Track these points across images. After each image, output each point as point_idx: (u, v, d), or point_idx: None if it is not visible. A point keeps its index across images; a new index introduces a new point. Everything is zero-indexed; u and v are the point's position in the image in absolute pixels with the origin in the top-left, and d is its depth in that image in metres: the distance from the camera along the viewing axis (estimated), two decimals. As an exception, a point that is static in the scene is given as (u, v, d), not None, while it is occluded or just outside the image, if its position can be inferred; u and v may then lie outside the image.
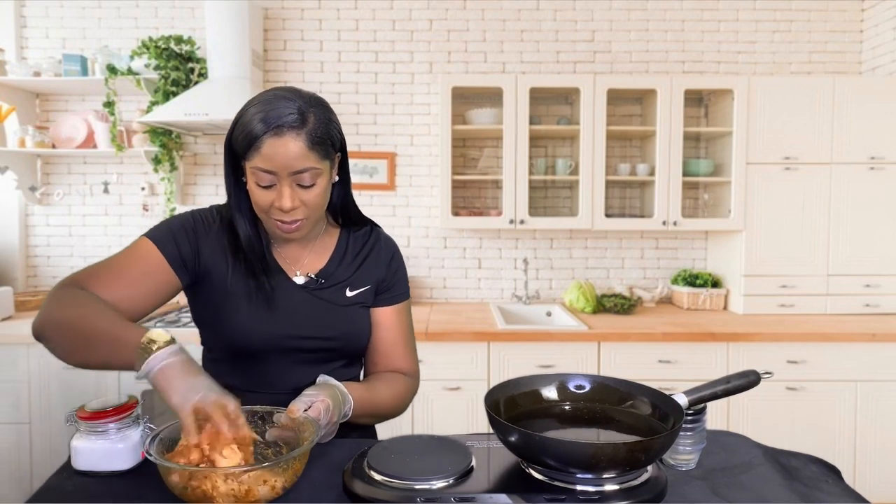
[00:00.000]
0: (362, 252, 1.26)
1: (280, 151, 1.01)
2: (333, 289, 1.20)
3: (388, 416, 1.22)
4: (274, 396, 1.13)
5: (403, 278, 1.31)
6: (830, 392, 2.58)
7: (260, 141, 1.01)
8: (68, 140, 3.00)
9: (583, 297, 2.98)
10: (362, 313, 1.23)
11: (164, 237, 1.10)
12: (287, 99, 1.03)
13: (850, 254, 2.88)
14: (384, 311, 1.26)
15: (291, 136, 1.01)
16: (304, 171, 1.03)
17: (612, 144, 3.11)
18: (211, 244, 1.14)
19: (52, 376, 2.52)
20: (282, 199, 1.04)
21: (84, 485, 0.94)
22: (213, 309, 1.14)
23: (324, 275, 1.20)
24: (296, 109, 1.02)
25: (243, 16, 2.83)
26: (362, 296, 1.23)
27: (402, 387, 1.25)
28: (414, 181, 3.22)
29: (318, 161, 1.05)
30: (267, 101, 1.03)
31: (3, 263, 3.13)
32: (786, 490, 0.92)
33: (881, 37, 3.05)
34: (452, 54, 3.18)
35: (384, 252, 1.28)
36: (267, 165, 1.02)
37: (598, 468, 0.85)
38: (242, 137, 1.04)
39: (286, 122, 1.01)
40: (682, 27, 3.19)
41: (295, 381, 1.16)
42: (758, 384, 1.00)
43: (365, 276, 1.24)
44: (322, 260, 1.22)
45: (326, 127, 1.06)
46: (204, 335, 1.21)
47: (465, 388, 2.57)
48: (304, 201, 1.06)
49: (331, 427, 1.02)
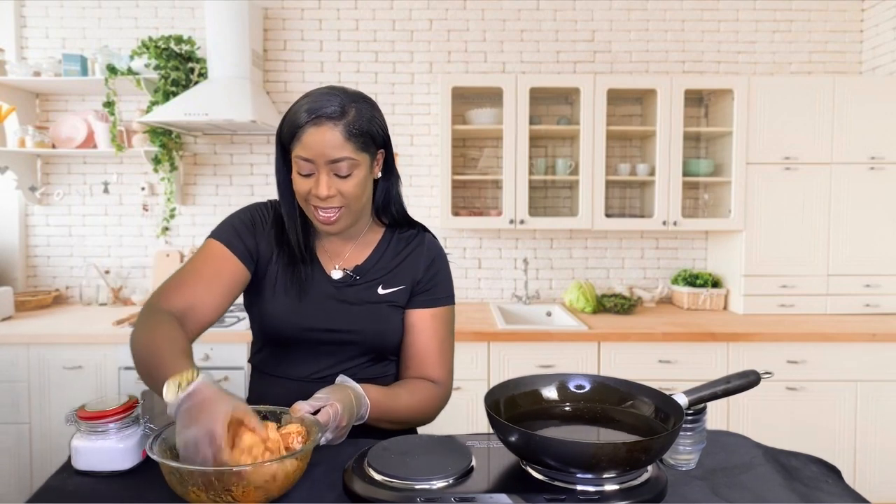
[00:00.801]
0: (403, 252, 1.27)
1: (318, 140, 1.07)
2: (366, 285, 1.22)
3: (412, 424, 1.21)
4: (302, 384, 1.18)
5: (444, 283, 1.28)
6: (830, 392, 2.58)
7: (301, 130, 1.08)
8: (68, 140, 3.00)
9: (583, 297, 2.98)
10: (392, 312, 1.23)
11: (229, 235, 1.18)
12: (332, 94, 1.10)
13: (850, 254, 2.88)
14: (419, 313, 1.25)
15: (329, 126, 1.07)
16: (341, 160, 1.08)
17: (612, 144, 3.11)
18: (266, 236, 1.21)
19: (52, 376, 2.52)
20: (318, 187, 1.09)
21: (84, 485, 0.94)
22: (256, 295, 1.21)
23: (359, 271, 1.23)
24: (337, 102, 1.09)
25: (243, 16, 2.83)
26: (395, 295, 1.23)
27: (427, 395, 1.22)
28: (414, 181, 3.22)
29: (355, 152, 1.09)
30: (314, 94, 1.11)
31: (3, 263, 3.13)
32: (786, 490, 0.92)
33: (881, 37, 3.05)
34: (452, 54, 3.18)
35: (425, 254, 1.27)
36: (306, 154, 1.08)
37: (598, 468, 0.85)
38: (287, 128, 1.11)
39: (325, 113, 1.07)
40: (682, 27, 3.19)
41: (319, 372, 1.20)
42: (758, 384, 1.00)
43: (401, 275, 1.25)
44: (362, 256, 1.25)
45: (368, 121, 1.11)
46: (250, 320, 1.27)
47: (465, 388, 2.57)
48: (341, 191, 1.10)
49: (340, 431, 1.01)
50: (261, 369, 1.26)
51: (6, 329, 2.57)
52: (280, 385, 1.21)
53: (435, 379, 1.25)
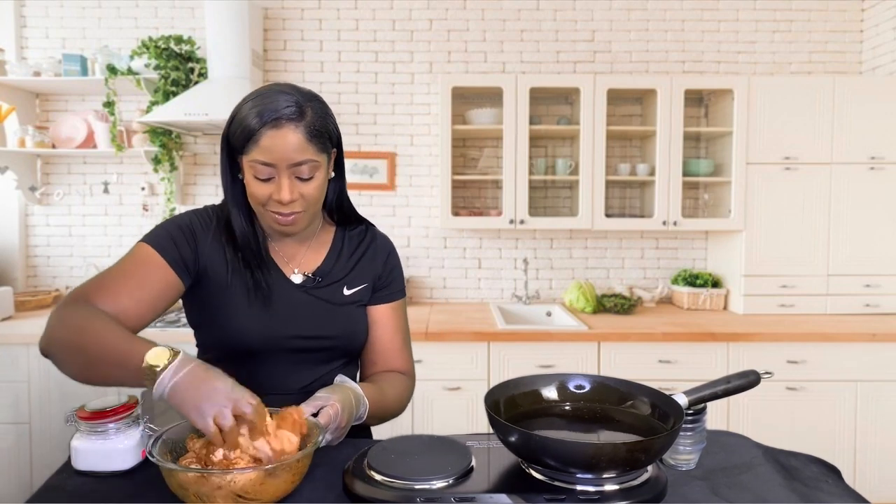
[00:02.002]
0: (358, 250, 1.26)
1: (279, 143, 1.01)
2: (331, 287, 1.20)
3: (391, 417, 1.22)
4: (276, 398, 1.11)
5: (400, 276, 1.31)
6: (830, 392, 2.58)
7: (259, 134, 1.02)
8: (68, 140, 3.00)
9: (583, 297, 2.98)
10: (359, 312, 1.23)
11: (163, 241, 1.09)
12: (284, 93, 1.04)
13: (850, 254, 2.88)
14: (381, 308, 1.26)
15: (290, 129, 1.02)
16: (303, 163, 1.04)
17: (612, 144, 3.11)
18: (210, 244, 1.13)
19: (52, 376, 2.52)
20: (280, 192, 1.04)
21: (84, 485, 0.94)
22: (212, 310, 1.13)
23: (321, 273, 1.20)
24: (293, 103, 1.03)
25: (243, 16, 2.83)
26: (359, 294, 1.23)
27: (404, 387, 1.25)
28: (414, 181, 3.22)
29: (317, 154, 1.05)
30: (264, 95, 1.04)
31: (3, 263, 3.13)
32: (786, 490, 0.92)
33: (881, 37, 3.05)
34: (452, 54, 3.18)
35: (380, 250, 1.28)
36: (266, 158, 1.02)
37: (598, 468, 0.85)
38: (240, 131, 1.04)
39: (284, 115, 1.02)
40: (682, 27, 3.19)
41: (294, 382, 1.16)
42: (758, 384, 1.00)
43: (361, 273, 1.24)
44: (318, 258, 1.21)
45: (324, 120, 1.07)
46: (200, 336, 1.20)
47: (465, 388, 2.57)
48: (303, 194, 1.07)
49: (339, 431, 1.01)
50: None
51: (6, 329, 2.57)
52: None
53: (402, 370, 1.27)
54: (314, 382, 1.16)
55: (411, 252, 3.23)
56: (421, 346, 2.53)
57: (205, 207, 1.19)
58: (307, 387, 1.15)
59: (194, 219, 1.15)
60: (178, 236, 1.11)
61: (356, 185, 3.18)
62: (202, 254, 1.12)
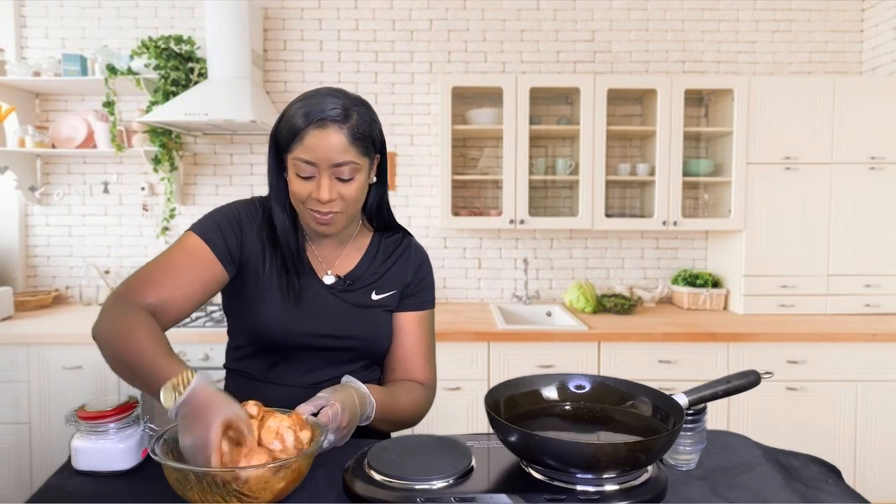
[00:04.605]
0: (392, 257, 1.27)
1: (322, 143, 1.05)
2: (360, 291, 1.22)
3: (405, 425, 1.22)
4: (292, 390, 1.16)
5: (430, 287, 1.31)
6: (830, 392, 2.58)
7: (304, 132, 1.05)
8: (68, 140, 3.00)
9: (583, 297, 2.98)
10: (385, 317, 1.24)
11: (210, 231, 1.13)
12: (333, 96, 1.08)
13: (850, 254, 2.88)
14: (406, 316, 1.26)
15: (334, 129, 1.05)
16: (344, 164, 1.07)
17: (612, 144, 3.11)
18: (253, 236, 1.17)
19: (52, 376, 2.52)
20: (320, 191, 1.07)
21: (84, 485, 0.94)
22: (246, 301, 1.16)
23: (352, 277, 1.22)
24: (340, 105, 1.07)
25: (243, 16, 2.82)
26: (387, 300, 1.24)
27: (420, 396, 1.24)
28: (414, 181, 3.22)
29: (358, 156, 1.08)
30: (313, 96, 1.08)
31: (3, 263, 3.13)
32: (786, 490, 0.92)
33: (881, 37, 3.05)
34: (452, 54, 3.18)
35: (413, 258, 1.29)
36: (308, 156, 1.06)
37: (598, 468, 0.85)
38: (287, 129, 1.07)
39: (330, 116, 1.05)
40: (682, 27, 3.19)
41: (314, 378, 1.18)
42: (758, 384, 1.00)
43: (392, 280, 1.25)
44: (353, 261, 1.24)
45: (369, 126, 1.10)
46: (231, 324, 1.24)
47: (465, 388, 2.57)
48: (342, 194, 1.09)
49: (343, 431, 1.01)
50: (248, 375, 1.21)
51: (6, 329, 2.57)
52: (271, 391, 1.16)
53: (422, 381, 1.26)
54: (333, 379, 1.18)
55: (411, 252, 3.23)
56: (421, 346, 2.53)
57: (252, 199, 1.22)
58: (324, 383, 1.17)
59: (242, 210, 1.18)
60: (226, 228, 1.14)
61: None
62: (246, 246, 1.16)
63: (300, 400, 1.00)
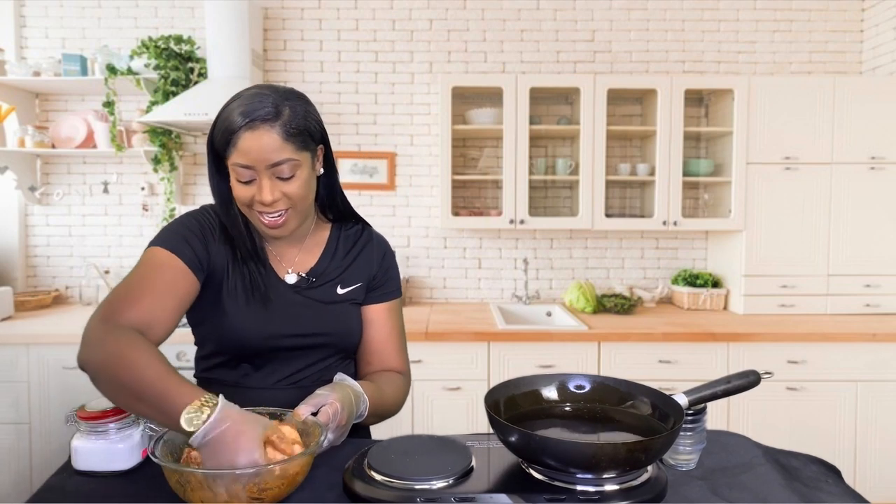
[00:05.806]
0: (354, 249, 1.26)
1: (255, 145, 1.02)
2: (324, 287, 1.21)
3: (389, 417, 1.22)
4: (266, 392, 1.15)
5: (395, 276, 1.31)
6: (830, 392, 2.58)
7: (236, 136, 1.02)
8: (68, 140, 3.00)
9: (583, 297, 2.98)
10: (353, 310, 1.24)
11: (176, 242, 1.09)
12: (262, 94, 1.04)
13: (850, 254, 2.88)
14: (376, 308, 1.27)
15: (265, 129, 1.02)
16: (282, 162, 1.04)
17: (612, 144, 3.11)
18: (215, 243, 1.14)
19: (52, 376, 2.52)
20: (262, 193, 1.05)
21: (84, 485, 0.94)
22: (212, 308, 1.14)
23: (315, 273, 1.21)
24: (269, 103, 1.03)
25: (243, 16, 2.83)
26: (353, 293, 1.24)
27: (401, 385, 1.25)
28: (414, 181, 3.22)
29: (296, 152, 1.05)
30: (243, 97, 1.05)
31: (3, 263, 3.12)
32: (786, 490, 0.92)
33: (881, 37, 3.05)
34: (452, 54, 3.18)
35: (376, 249, 1.29)
36: (244, 160, 1.03)
37: (598, 468, 0.85)
38: (221, 135, 1.05)
39: (259, 116, 1.02)
40: (682, 27, 3.19)
41: (289, 378, 1.17)
42: (758, 384, 1.00)
43: (356, 273, 1.24)
44: (313, 257, 1.22)
45: (303, 119, 1.07)
46: (199, 334, 1.21)
47: (465, 388, 2.57)
48: (286, 193, 1.07)
49: (341, 430, 1.01)
50: (222, 381, 1.17)
51: (6, 329, 2.57)
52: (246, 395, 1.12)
53: (398, 369, 1.27)
54: (309, 377, 1.18)
55: (411, 252, 3.23)
56: (421, 346, 2.53)
57: (202, 208, 1.19)
58: (301, 381, 1.18)
59: (200, 218, 1.16)
60: (191, 237, 1.11)
61: (356, 185, 3.18)
62: (211, 253, 1.13)
63: (277, 402, 1.00)
